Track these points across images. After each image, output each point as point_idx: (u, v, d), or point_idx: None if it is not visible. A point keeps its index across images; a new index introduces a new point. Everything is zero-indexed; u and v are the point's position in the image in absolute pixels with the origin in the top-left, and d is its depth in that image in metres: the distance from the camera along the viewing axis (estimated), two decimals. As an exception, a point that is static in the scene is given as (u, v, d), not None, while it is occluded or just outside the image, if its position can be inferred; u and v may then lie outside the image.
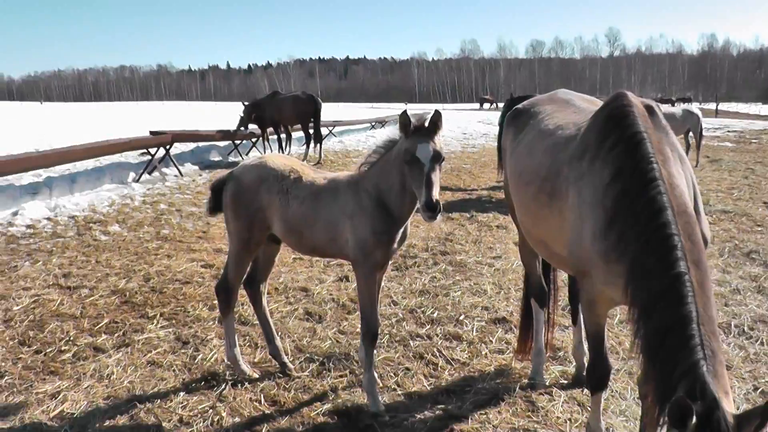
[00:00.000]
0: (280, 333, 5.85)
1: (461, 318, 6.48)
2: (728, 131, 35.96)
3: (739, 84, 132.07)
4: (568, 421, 4.51)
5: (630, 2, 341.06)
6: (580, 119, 4.05)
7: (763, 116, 60.01)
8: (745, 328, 6.14)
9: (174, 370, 5.20)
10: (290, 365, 5.25)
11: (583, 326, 5.24)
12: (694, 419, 2.39)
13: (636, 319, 2.96)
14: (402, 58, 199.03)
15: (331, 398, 4.79)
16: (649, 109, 3.55)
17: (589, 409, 4.68)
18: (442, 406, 4.73)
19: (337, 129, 31.21)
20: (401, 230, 4.46)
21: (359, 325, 6.15)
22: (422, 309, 6.70)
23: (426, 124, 4.00)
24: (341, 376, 5.17)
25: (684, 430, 2.41)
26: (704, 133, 20.20)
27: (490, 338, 6.02)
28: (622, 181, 3.25)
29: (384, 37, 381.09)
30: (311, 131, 19.77)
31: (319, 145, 19.83)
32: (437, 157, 3.91)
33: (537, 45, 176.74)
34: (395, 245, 4.50)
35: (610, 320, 6.42)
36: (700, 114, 19.42)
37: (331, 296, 7.04)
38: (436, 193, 3.83)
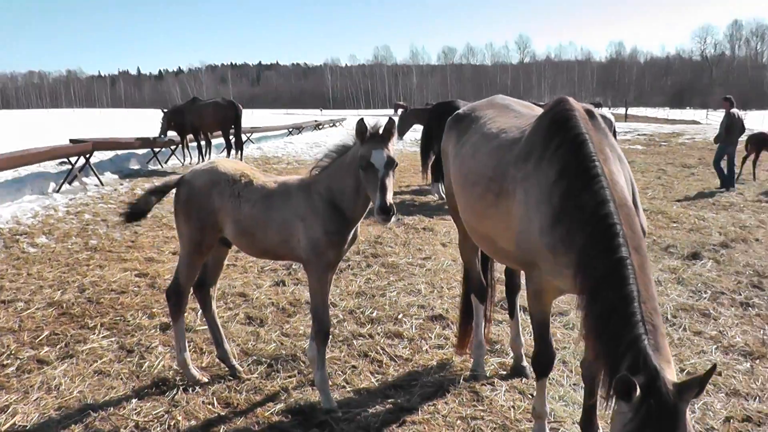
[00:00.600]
0: (211, 338, 5.94)
1: (400, 317, 6.71)
2: (638, 134, 37.76)
3: (647, 90, 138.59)
4: (511, 409, 4.80)
5: (539, 10, 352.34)
6: (522, 123, 4.34)
7: (671, 120, 63.23)
8: (669, 316, 6.63)
9: (122, 378, 5.20)
10: (239, 368, 5.34)
11: (519, 319, 5.58)
12: (638, 391, 2.67)
13: (584, 304, 3.24)
14: (315, 63, 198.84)
15: (283, 398, 4.92)
16: (590, 113, 3.87)
17: (530, 396, 5.01)
18: (392, 400, 4.94)
19: (255, 135, 31.04)
20: (353, 231, 4.65)
21: (302, 327, 6.33)
22: (361, 309, 6.90)
23: (380, 132, 4.21)
24: (290, 377, 5.30)
25: (629, 401, 2.70)
26: (616, 137, 21.17)
27: (429, 335, 6.27)
28: (567, 179, 3.54)
29: (297, 42, 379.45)
30: (232, 138, 19.64)
31: (240, 152, 19.72)
32: (391, 163, 4.13)
33: (449, 51, 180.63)
34: (346, 245, 4.69)
35: (562, 317, 6.79)
36: (613, 118, 20.37)
37: (270, 300, 7.15)
38: (389, 197, 4.05)
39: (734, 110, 16.40)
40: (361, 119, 4.29)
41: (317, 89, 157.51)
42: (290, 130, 35.72)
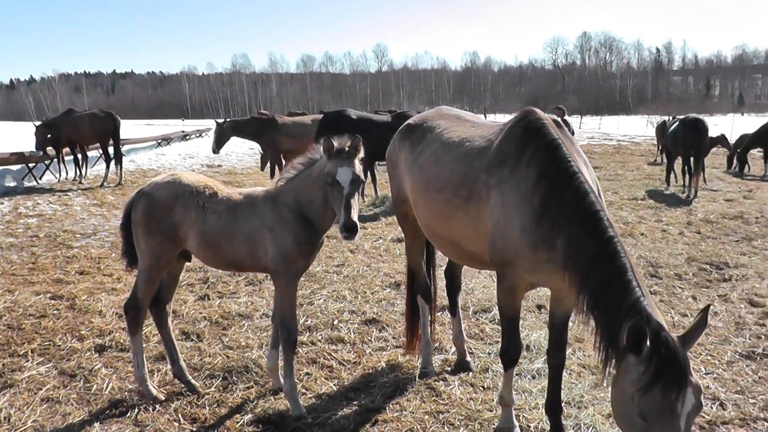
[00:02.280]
0: (166, 355, 5.87)
1: (336, 323, 6.86)
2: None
3: (503, 97, 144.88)
4: (470, 401, 5.10)
5: (396, 20, 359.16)
6: (485, 132, 4.63)
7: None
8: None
9: (73, 404, 5.03)
10: (195, 383, 5.31)
11: (461, 317, 5.90)
12: (648, 343, 3.01)
13: (578, 284, 3.59)
14: (172, 72, 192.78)
15: (248, 409, 4.96)
16: (557, 123, 4.23)
17: (481, 389, 5.34)
18: (356, 402, 5.11)
19: (125, 148, 29.85)
20: (321, 239, 4.79)
21: (241, 339, 6.35)
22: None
23: (346, 149, 4.38)
24: (248, 388, 5.33)
25: (639, 353, 3.04)
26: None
27: (369, 338, 6.48)
28: (548, 180, 3.87)
29: (152, 50, 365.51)
30: (111, 150, 18.89)
31: (119, 165, 19.01)
32: (356, 181, 4.32)
33: (308, 60, 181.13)
34: (315, 253, 4.82)
35: (465, 311, 7.18)
36: (573, 126, 21.64)
37: (201, 315, 7.08)
38: (354, 215, 4.24)
39: (566, 118, 18.23)
40: (327, 137, 4.44)
41: (175, 98, 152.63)
42: (159, 141, 34.60)
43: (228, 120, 18.42)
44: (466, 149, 4.58)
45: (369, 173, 15.46)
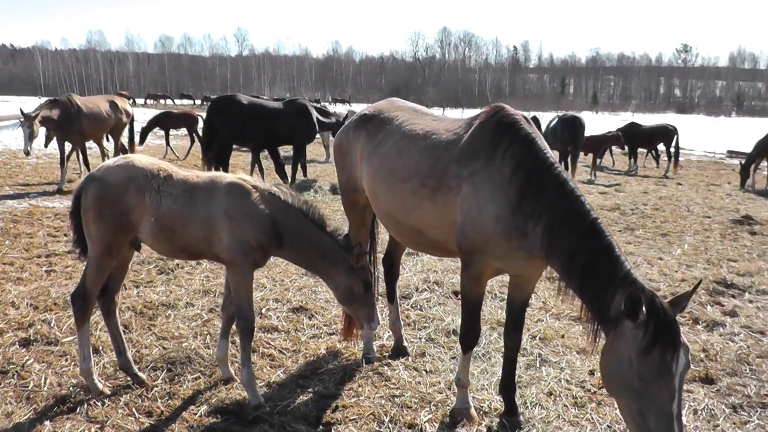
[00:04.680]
0: (95, 347, 5.66)
1: (264, 311, 6.85)
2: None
3: (364, 86, 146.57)
4: (419, 384, 5.31)
5: (257, 4, 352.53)
6: (450, 126, 4.80)
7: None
8: (497, 292, 7.55)
9: (12, 402, 4.77)
10: (142, 376, 5.16)
11: (398, 304, 6.08)
12: (644, 308, 3.33)
13: (563, 267, 3.89)
14: (24, 45, 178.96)
15: (203, 399, 4.91)
16: (525, 119, 4.46)
17: (424, 372, 5.57)
18: (309, 389, 5.19)
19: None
20: None
21: (172, 329, 6.21)
22: (219, 307, 6.89)
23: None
24: (196, 379, 5.26)
25: (636, 320, 3.35)
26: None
27: (301, 326, 6.54)
28: (524, 171, 4.10)
29: (1, 21, 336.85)
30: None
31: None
32: None
33: (166, 40, 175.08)
34: None
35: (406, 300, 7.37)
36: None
37: (124, 304, 6.82)
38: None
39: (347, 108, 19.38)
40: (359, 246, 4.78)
41: (27, 74, 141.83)
42: (21, 120, 32.19)
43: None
44: (432, 141, 4.74)
45: (273, 157, 15.29)
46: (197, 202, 4.62)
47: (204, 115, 15.62)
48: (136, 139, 18.22)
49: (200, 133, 18.09)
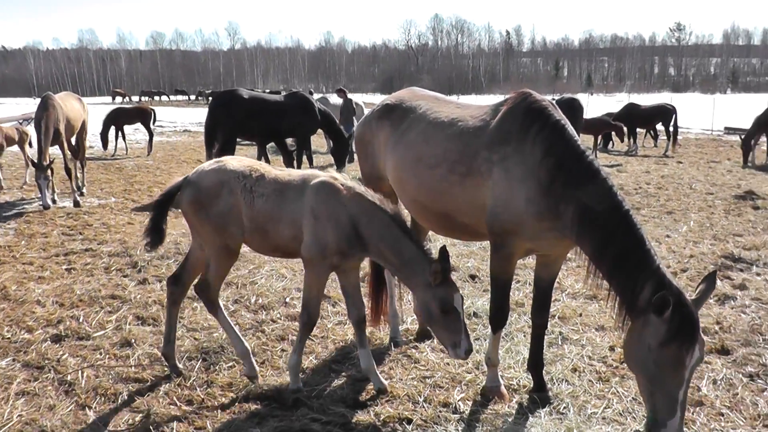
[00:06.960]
0: (127, 340, 5.85)
1: (288, 300, 7.03)
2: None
3: (358, 77, 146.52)
4: (448, 365, 5.47)
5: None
6: (475, 113, 4.94)
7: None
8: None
9: (52, 396, 4.93)
10: (180, 366, 5.32)
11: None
12: (671, 308, 3.53)
13: (594, 253, 4.07)
14: (15, 47, 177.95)
15: (241, 386, 5.05)
16: (552, 104, 4.60)
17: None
18: (343, 373, 5.36)
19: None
20: None
21: (200, 321, 6.36)
22: (245, 298, 7.09)
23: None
24: (231, 368, 5.42)
25: (661, 316, 3.56)
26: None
27: (326, 313, 6.69)
28: (554, 156, 4.24)
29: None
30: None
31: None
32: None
33: (158, 36, 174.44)
34: None
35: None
36: (363, 104, 22.06)
37: (150, 299, 7.00)
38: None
39: (350, 96, 20.80)
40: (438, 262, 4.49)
41: (20, 75, 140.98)
42: (20, 121, 32.31)
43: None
44: (459, 128, 4.87)
45: (281, 150, 15.43)
46: (288, 201, 4.72)
47: (201, 111, 15.70)
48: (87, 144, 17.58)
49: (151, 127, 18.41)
